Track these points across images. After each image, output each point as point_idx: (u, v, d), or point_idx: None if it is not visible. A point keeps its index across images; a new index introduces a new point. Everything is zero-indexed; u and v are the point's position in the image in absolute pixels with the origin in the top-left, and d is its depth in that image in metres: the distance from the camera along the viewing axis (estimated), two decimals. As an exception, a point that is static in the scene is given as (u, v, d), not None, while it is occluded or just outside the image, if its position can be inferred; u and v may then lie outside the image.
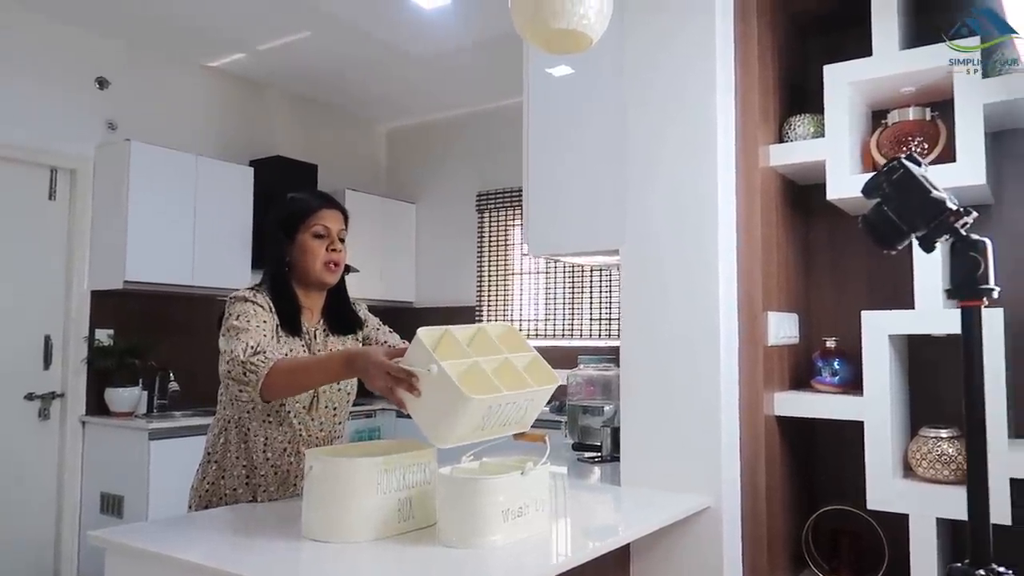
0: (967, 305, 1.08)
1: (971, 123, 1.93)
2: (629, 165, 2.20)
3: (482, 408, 1.49)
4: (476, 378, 1.54)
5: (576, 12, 1.60)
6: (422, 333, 1.53)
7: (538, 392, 1.62)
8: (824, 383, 2.24)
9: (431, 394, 1.50)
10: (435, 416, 1.51)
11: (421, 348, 1.51)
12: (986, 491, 1.06)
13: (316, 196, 1.94)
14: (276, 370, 1.64)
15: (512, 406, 1.57)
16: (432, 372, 1.46)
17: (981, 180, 1.92)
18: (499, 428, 1.59)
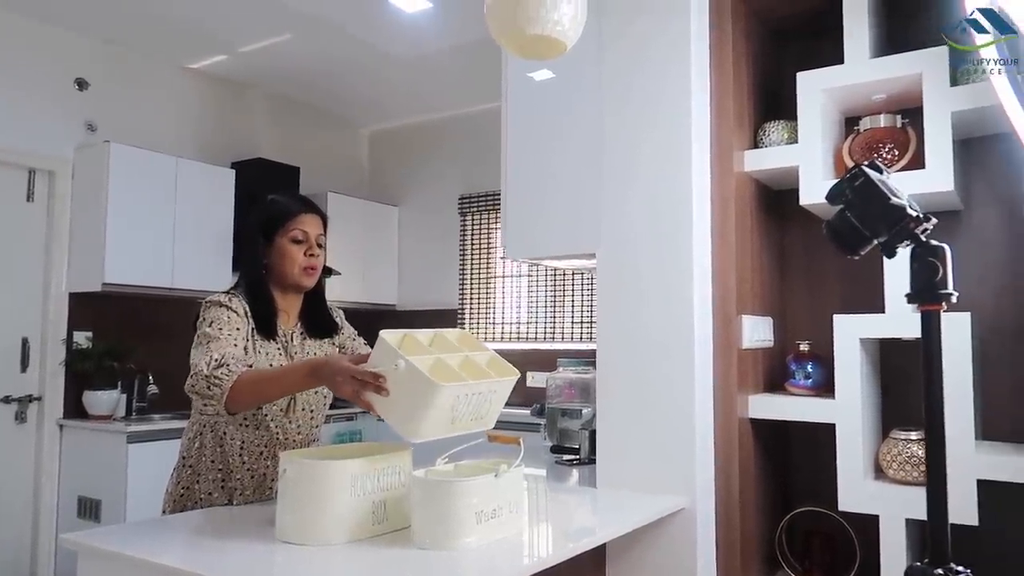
0: (927, 309, 1.11)
1: (939, 131, 1.97)
2: (606, 170, 2.22)
3: (451, 398, 1.51)
4: (442, 371, 1.56)
5: (550, 19, 1.62)
6: (385, 333, 1.55)
7: (501, 383, 1.65)
8: (797, 386, 2.27)
9: (400, 390, 1.51)
10: (406, 411, 1.52)
11: (386, 347, 1.53)
12: (944, 492, 1.08)
13: (296, 200, 1.94)
14: (240, 383, 1.63)
15: (478, 397, 1.59)
16: (400, 367, 1.48)
17: (949, 187, 1.95)
18: (468, 423, 1.61)
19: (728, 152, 2.19)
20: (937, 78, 1.98)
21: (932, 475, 1.09)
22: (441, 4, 3.92)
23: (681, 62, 2.12)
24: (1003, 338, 2.13)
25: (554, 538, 1.75)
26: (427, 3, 3.91)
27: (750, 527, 2.19)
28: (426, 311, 5.89)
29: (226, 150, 5.18)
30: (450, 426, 1.57)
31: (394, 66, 4.86)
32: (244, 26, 4.35)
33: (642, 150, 2.17)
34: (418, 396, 1.49)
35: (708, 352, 2.13)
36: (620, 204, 2.19)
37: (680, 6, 2.13)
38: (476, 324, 5.65)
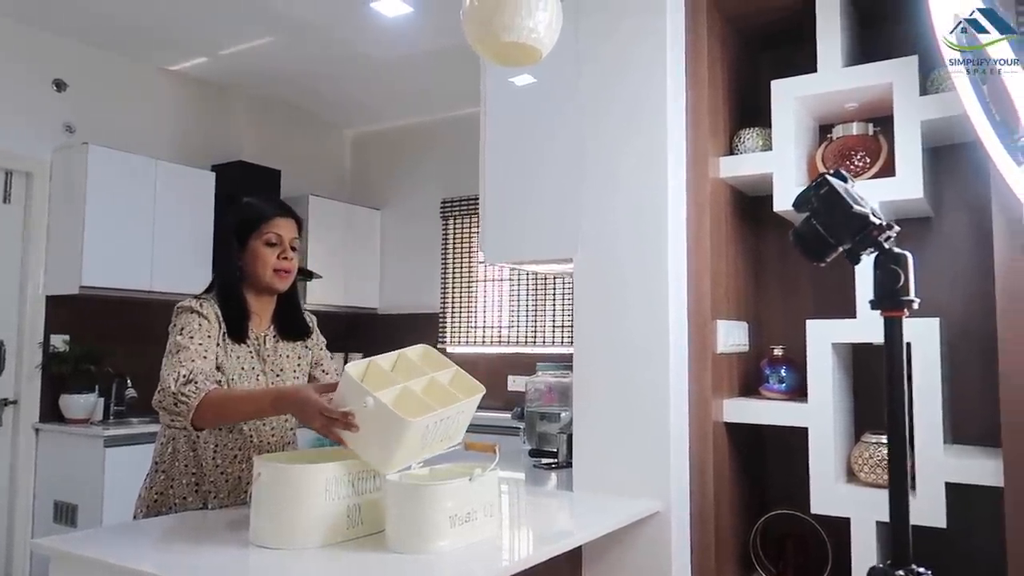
0: (890, 315, 1.13)
1: (909, 139, 2.00)
2: (583, 175, 2.24)
3: (421, 429, 1.54)
4: (408, 401, 1.59)
5: (526, 26, 1.64)
6: (350, 368, 1.58)
7: (468, 403, 1.68)
8: (771, 390, 2.30)
9: (370, 426, 1.54)
10: (378, 446, 1.55)
11: (352, 383, 1.55)
12: (906, 494, 1.10)
13: (269, 203, 1.95)
14: (206, 402, 1.66)
15: (447, 421, 1.62)
16: (369, 405, 1.50)
17: (919, 194, 1.99)
18: (438, 444, 1.65)
19: (704, 158, 2.21)
20: (907, 87, 2.01)
21: (894, 477, 1.11)
22: (422, 9, 3.93)
23: (657, 69, 2.14)
24: (972, 343, 2.17)
25: (529, 541, 1.76)
26: (408, 8, 3.92)
27: (725, 530, 2.21)
28: (408, 315, 5.89)
29: (206, 153, 5.16)
30: (421, 452, 1.61)
31: (377, 69, 4.87)
32: (225, 28, 4.34)
33: (619, 156, 2.19)
34: (388, 432, 1.52)
35: (683, 357, 2.15)
36: (597, 209, 2.21)
37: (656, 14, 2.15)
38: (458, 328, 5.65)
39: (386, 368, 1.67)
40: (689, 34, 2.23)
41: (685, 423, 2.15)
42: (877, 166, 2.13)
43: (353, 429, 1.52)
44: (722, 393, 2.26)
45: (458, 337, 5.65)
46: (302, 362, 2.01)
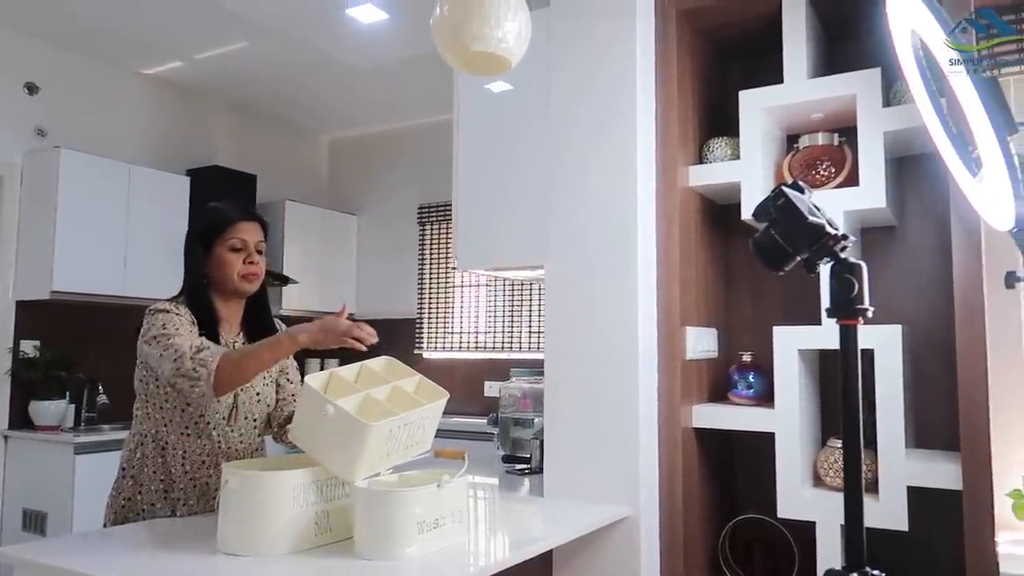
0: (845, 323, 1.16)
1: (873, 149, 2.04)
2: (554, 183, 2.26)
3: (383, 434, 1.55)
4: (371, 408, 1.61)
5: (495, 36, 1.65)
6: (310, 379, 1.60)
7: (431, 408, 1.69)
8: (740, 396, 2.33)
9: (332, 434, 1.55)
10: (341, 453, 1.56)
11: (312, 394, 1.57)
12: (861, 498, 1.13)
13: (234, 208, 1.95)
14: (225, 360, 1.67)
15: (411, 426, 1.63)
16: (329, 413, 1.51)
17: (882, 203, 2.03)
18: (403, 451, 1.65)
19: (673, 167, 2.24)
20: (870, 99, 2.06)
21: (849, 481, 1.14)
22: (398, 16, 3.94)
23: (627, 78, 2.17)
24: (935, 350, 2.21)
25: (497, 547, 1.77)
26: (383, 14, 3.93)
27: (693, 534, 2.24)
28: (384, 320, 5.87)
29: (181, 157, 5.13)
30: (386, 459, 1.62)
31: (353, 75, 4.87)
32: (200, 33, 4.32)
33: (589, 165, 2.21)
34: (351, 438, 1.53)
35: (653, 363, 2.18)
36: (568, 217, 2.23)
37: (626, 24, 2.18)
38: (434, 333, 5.66)
39: (348, 378, 1.68)
40: (659, 44, 2.26)
41: (654, 429, 2.18)
42: (842, 175, 2.17)
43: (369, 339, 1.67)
44: (691, 399, 2.29)
45: (435, 342, 5.65)
46: (270, 369, 2.00)
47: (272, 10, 3.94)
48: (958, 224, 1.86)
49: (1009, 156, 1.27)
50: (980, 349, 1.83)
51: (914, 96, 1.61)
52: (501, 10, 1.66)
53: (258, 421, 1.96)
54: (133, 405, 1.91)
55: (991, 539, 1.80)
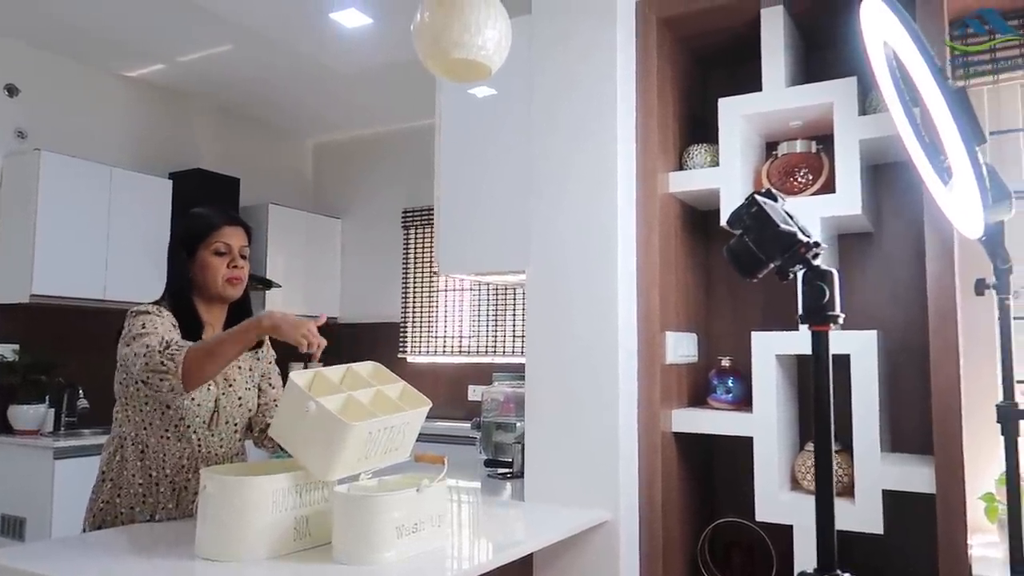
0: (817, 329, 1.17)
1: (849, 157, 2.07)
2: (535, 189, 2.28)
3: (362, 435, 1.56)
4: (353, 410, 1.61)
5: (475, 43, 1.67)
6: (294, 376, 1.60)
7: (413, 414, 1.70)
8: (719, 400, 2.35)
9: (312, 431, 1.55)
10: (319, 451, 1.56)
11: (295, 390, 1.57)
12: (831, 501, 1.14)
13: (217, 213, 1.95)
14: (192, 353, 1.68)
15: (391, 430, 1.63)
16: (311, 410, 1.52)
17: (857, 210, 2.05)
18: (382, 456, 1.66)
19: (653, 174, 2.26)
20: (847, 107, 2.08)
21: (820, 485, 1.15)
22: (382, 20, 3.94)
23: (607, 85, 2.19)
24: (911, 355, 2.24)
25: (477, 551, 1.78)
26: (367, 19, 3.93)
27: (673, 538, 2.25)
28: (368, 324, 5.87)
29: (164, 160, 5.10)
30: (364, 462, 1.62)
31: (337, 79, 4.87)
32: (182, 36, 4.31)
33: (570, 171, 2.23)
34: (330, 437, 1.53)
35: (632, 368, 2.20)
36: (549, 223, 2.25)
37: (607, 32, 2.21)
38: (419, 337, 5.65)
39: (334, 380, 1.68)
40: (639, 51, 2.28)
41: (634, 433, 2.19)
42: (819, 182, 2.19)
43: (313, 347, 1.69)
44: (671, 403, 2.30)
45: (419, 347, 5.65)
46: (253, 373, 2.01)
47: (255, 13, 3.93)
48: (932, 231, 1.89)
49: (978, 166, 1.30)
50: (953, 355, 1.85)
51: (888, 105, 1.64)
52: (481, 17, 1.67)
53: (239, 425, 1.96)
54: (113, 409, 1.90)
55: (964, 542, 1.83)
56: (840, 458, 2.10)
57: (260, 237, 5.42)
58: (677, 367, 2.36)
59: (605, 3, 2.22)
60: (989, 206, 1.36)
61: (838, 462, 2.10)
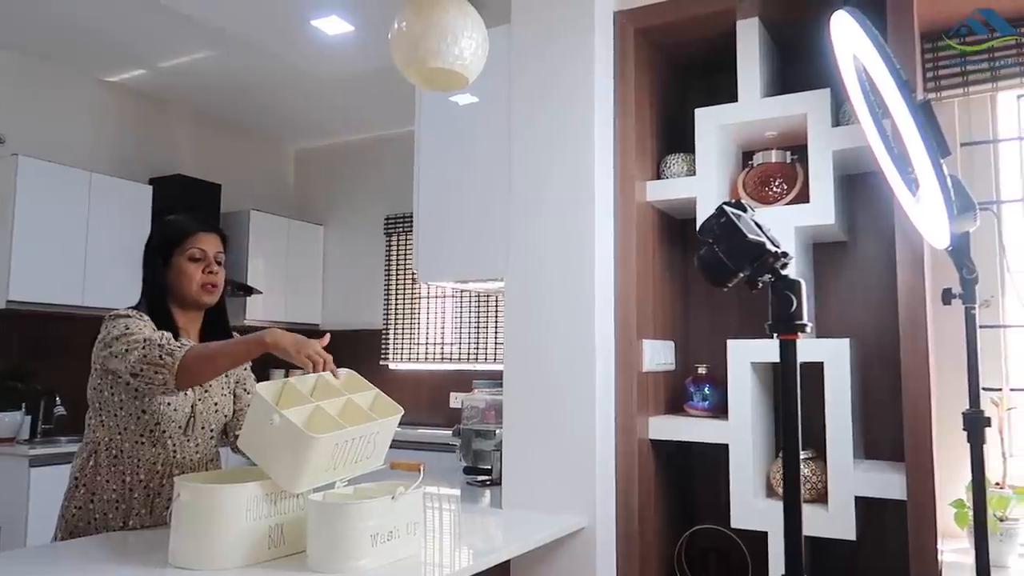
0: (784, 338, 1.19)
1: (822, 167, 2.10)
2: (513, 197, 2.29)
3: (328, 447, 1.55)
4: (320, 421, 1.61)
5: (452, 52, 1.68)
6: (261, 387, 1.60)
7: (382, 424, 1.69)
8: (695, 408, 2.36)
9: (278, 444, 1.55)
10: (284, 463, 1.56)
11: (261, 402, 1.57)
12: (798, 507, 1.16)
13: (193, 219, 1.96)
14: (192, 352, 1.68)
15: (360, 440, 1.63)
16: (275, 422, 1.52)
17: (830, 220, 2.08)
18: (352, 466, 1.65)
19: (630, 182, 2.28)
20: (820, 118, 2.11)
21: (787, 492, 1.17)
22: (363, 28, 3.95)
23: (585, 95, 2.21)
24: (884, 363, 2.26)
25: (453, 558, 1.78)
26: (349, 27, 3.94)
27: (649, 544, 2.26)
28: (350, 331, 5.86)
29: (144, 166, 5.08)
30: (331, 472, 1.62)
31: (319, 86, 4.87)
32: (163, 41, 4.30)
33: (548, 179, 2.24)
34: (295, 449, 1.53)
35: (610, 375, 2.21)
36: (527, 231, 2.26)
37: (584, 41, 2.23)
38: (401, 344, 5.65)
39: (304, 391, 1.68)
40: (617, 60, 2.30)
41: (612, 440, 2.20)
42: (794, 192, 2.22)
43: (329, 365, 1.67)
44: (648, 411, 2.32)
45: (401, 354, 5.64)
46: (229, 379, 2.01)
47: (237, 20, 3.93)
48: (902, 241, 1.92)
49: (943, 178, 1.32)
50: (923, 363, 1.88)
51: (859, 117, 1.66)
52: (458, 27, 1.69)
53: (215, 431, 1.96)
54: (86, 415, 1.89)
55: (934, 547, 1.85)
56: (814, 465, 2.13)
57: (241, 243, 5.40)
58: (654, 375, 2.38)
59: (583, 13, 2.24)
60: (954, 217, 1.38)
61: (812, 469, 2.12)
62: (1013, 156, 2.39)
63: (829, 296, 2.40)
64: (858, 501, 1.99)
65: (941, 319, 2.20)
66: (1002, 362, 2.33)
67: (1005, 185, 2.38)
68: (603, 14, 2.28)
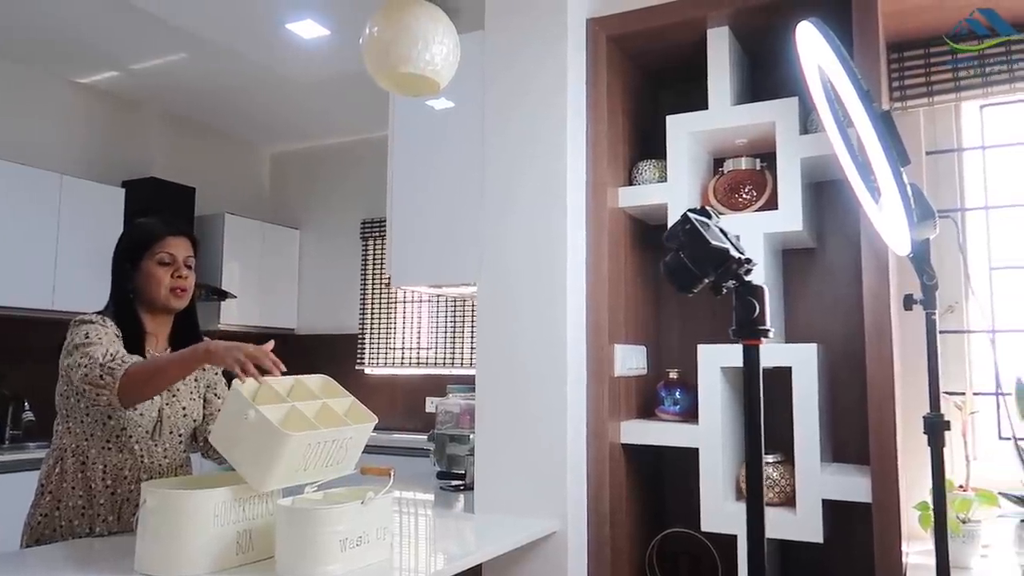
0: (747, 343, 1.21)
1: (791, 174, 2.13)
2: (486, 202, 2.30)
3: (301, 447, 1.55)
4: (295, 421, 1.61)
5: (423, 58, 1.69)
6: (238, 383, 1.59)
7: (356, 429, 1.69)
8: (667, 412, 2.38)
9: (251, 439, 1.55)
10: (255, 460, 1.55)
11: (237, 397, 1.56)
12: (761, 510, 1.18)
13: (162, 223, 1.95)
14: (133, 370, 1.67)
15: (332, 444, 1.63)
16: (250, 417, 1.51)
17: (798, 227, 2.11)
18: (322, 469, 1.65)
19: (602, 189, 2.30)
20: (788, 126, 2.14)
21: (750, 495, 1.18)
22: (339, 32, 3.94)
23: (557, 101, 2.23)
24: (852, 368, 2.29)
25: (423, 562, 1.78)
26: (324, 31, 3.93)
27: (621, 548, 2.27)
28: (326, 336, 5.83)
29: (116, 168, 5.02)
30: (301, 474, 1.62)
31: (295, 90, 4.85)
32: (136, 43, 4.26)
33: (520, 185, 2.26)
34: (267, 446, 1.53)
35: (581, 380, 2.22)
36: (499, 236, 2.27)
37: (557, 48, 2.24)
38: (377, 349, 5.63)
39: (280, 391, 1.68)
40: (590, 68, 2.32)
41: (583, 445, 2.22)
42: (763, 199, 2.25)
43: (276, 371, 1.60)
44: (619, 415, 2.33)
45: (377, 358, 5.62)
46: (198, 384, 1.99)
47: (210, 23, 3.90)
48: (868, 248, 1.96)
49: (903, 186, 1.35)
50: (887, 368, 1.91)
51: (824, 126, 1.69)
52: (429, 33, 1.70)
53: (184, 436, 1.95)
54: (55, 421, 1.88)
55: (899, 549, 1.88)
56: (783, 468, 2.15)
57: (216, 247, 5.36)
58: (626, 379, 2.40)
59: (555, 21, 2.26)
60: (915, 224, 1.41)
61: (781, 472, 2.15)
62: (977, 165, 2.44)
63: (798, 302, 2.43)
64: (826, 504, 2.02)
65: (907, 324, 2.24)
66: (966, 367, 2.37)
67: (969, 193, 2.43)
68: (576, 21, 2.30)
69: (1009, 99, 2.33)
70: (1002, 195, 2.40)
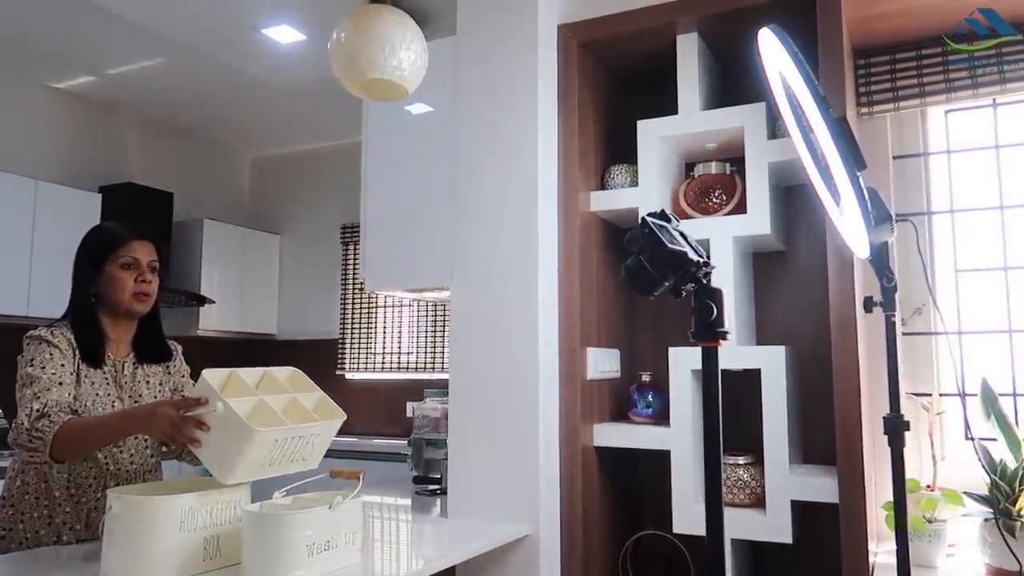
0: (706, 346, 1.22)
1: (759, 179, 2.15)
2: (458, 206, 2.31)
3: (268, 442, 1.55)
4: (263, 415, 1.61)
5: (390, 64, 1.70)
6: (207, 373, 1.59)
7: (324, 426, 1.70)
8: (639, 415, 2.40)
9: (218, 432, 1.55)
10: (221, 453, 1.55)
11: (206, 387, 1.56)
12: (720, 511, 1.19)
13: (126, 227, 1.94)
14: (61, 434, 1.65)
15: (299, 440, 1.63)
16: (217, 410, 1.51)
17: (766, 230, 2.13)
18: (287, 464, 1.65)
19: (574, 193, 2.31)
20: (756, 131, 2.17)
21: (709, 496, 1.20)
22: (316, 37, 3.94)
23: (529, 106, 2.24)
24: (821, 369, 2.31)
25: (393, 567, 1.78)
26: (301, 35, 3.93)
27: (594, 551, 2.28)
28: (306, 340, 5.82)
29: (93, 174, 4.99)
30: (267, 468, 1.62)
31: (273, 94, 4.84)
32: (112, 48, 4.24)
33: (492, 189, 2.27)
34: (234, 439, 1.53)
35: (554, 383, 2.23)
36: (471, 240, 2.28)
37: (529, 53, 2.26)
38: (357, 354, 5.62)
39: (249, 383, 1.67)
40: (561, 73, 2.34)
41: (556, 448, 2.22)
42: (733, 203, 2.27)
43: (204, 428, 1.54)
44: (592, 418, 2.34)
45: (357, 363, 5.61)
46: (163, 388, 1.98)
47: (186, 27, 3.89)
48: (833, 250, 1.98)
49: (859, 190, 1.37)
50: (853, 369, 1.93)
51: (788, 131, 1.71)
52: (396, 39, 1.71)
53: (149, 441, 1.93)
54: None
55: (865, 549, 1.90)
56: (753, 470, 2.17)
57: (194, 253, 5.33)
58: (599, 382, 2.41)
59: (526, 26, 2.28)
60: (872, 228, 1.43)
61: (751, 474, 2.17)
62: (943, 169, 2.47)
63: (768, 304, 2.45)
64: (795, 505, 2.04)
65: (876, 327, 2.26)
66: (933, 368, 2.40)
67: (935, 197, 2.46)
68: (547, 27, 2.32)
69: (972, 104, 2.37)
70: (968, 199, 2.43)
